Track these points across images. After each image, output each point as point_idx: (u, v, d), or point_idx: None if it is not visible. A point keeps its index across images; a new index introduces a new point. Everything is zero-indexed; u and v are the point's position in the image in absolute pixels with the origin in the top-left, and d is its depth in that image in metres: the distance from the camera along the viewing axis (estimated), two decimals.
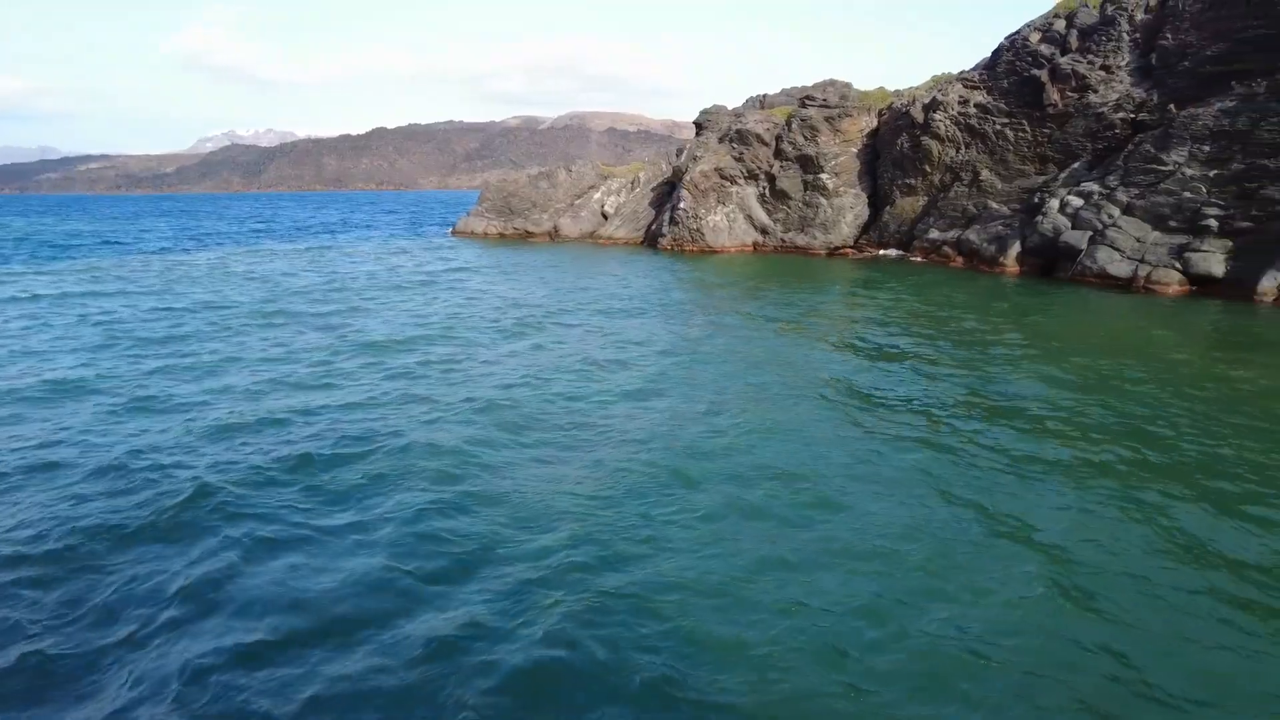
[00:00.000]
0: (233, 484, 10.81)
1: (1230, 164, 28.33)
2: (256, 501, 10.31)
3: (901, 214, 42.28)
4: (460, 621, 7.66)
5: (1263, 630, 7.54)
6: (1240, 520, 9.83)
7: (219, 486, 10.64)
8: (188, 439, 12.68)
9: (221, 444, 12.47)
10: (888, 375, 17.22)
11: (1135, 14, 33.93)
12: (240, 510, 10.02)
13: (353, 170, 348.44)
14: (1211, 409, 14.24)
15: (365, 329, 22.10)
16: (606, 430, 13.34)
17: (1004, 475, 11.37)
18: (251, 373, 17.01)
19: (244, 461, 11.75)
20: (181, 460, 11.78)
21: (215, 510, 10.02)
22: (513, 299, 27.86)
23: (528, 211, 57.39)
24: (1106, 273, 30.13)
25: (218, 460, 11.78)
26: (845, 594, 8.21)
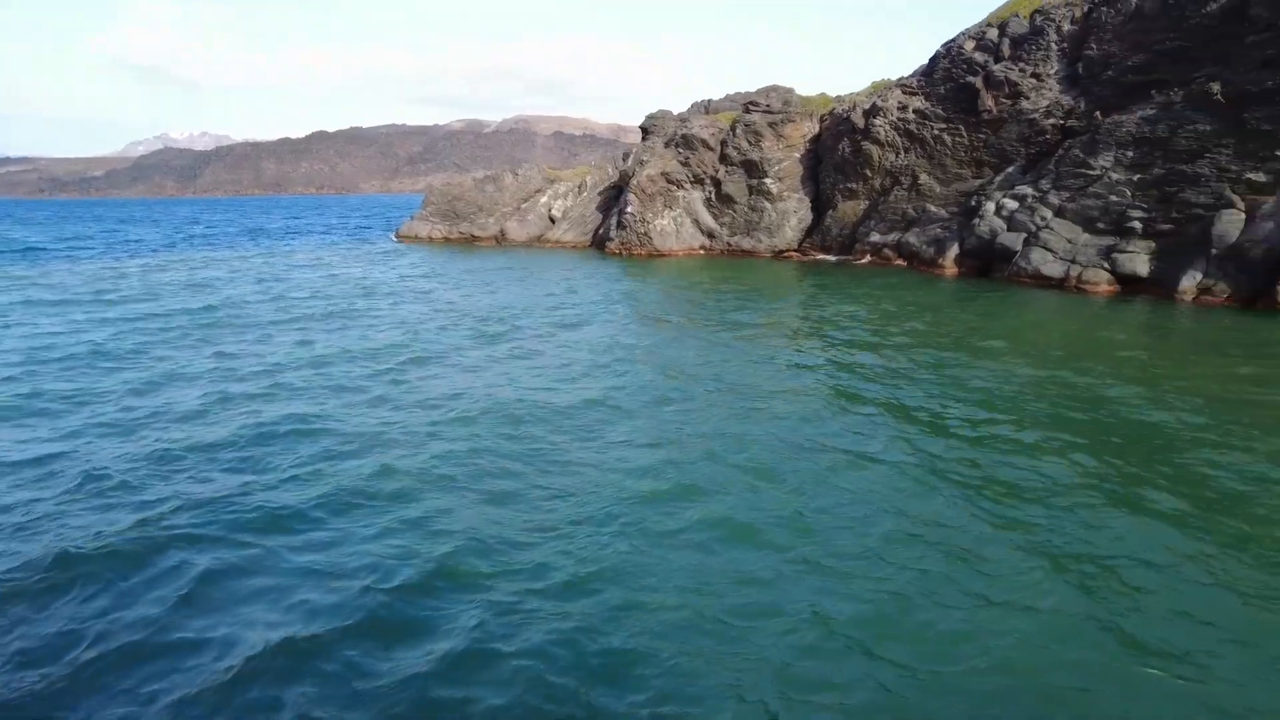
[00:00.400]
0: (179, 509, 10.48)
1: (1152, 169, 29.60)
2: (207, 528, 9.93)
3: (844, 218, 43.11)
4: (447, 644, 7.59)
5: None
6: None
7: (163, 514, 10.30)
8: (125, 464, 12.17)
9: (161, 469, 11.96)
10: (845, 380, 17.56)
11: (1062, 25, 35.23)
12: (194, 535, 9.67)
13: (292, 174, 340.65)
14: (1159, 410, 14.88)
15: (312, 340, 21.48)
16: (570, 452, 13.30)
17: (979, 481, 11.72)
18: (194, 389, 16.22)
19: (187, 483, 11.41)
20: (126, 483, 11.36)
21: (167, 537, 9.67)
22: (464, 308, 27.44)
23: (473, 215, 56.91)
24: (1040, 273, 31.21)
25: (158, 486, 11.40)
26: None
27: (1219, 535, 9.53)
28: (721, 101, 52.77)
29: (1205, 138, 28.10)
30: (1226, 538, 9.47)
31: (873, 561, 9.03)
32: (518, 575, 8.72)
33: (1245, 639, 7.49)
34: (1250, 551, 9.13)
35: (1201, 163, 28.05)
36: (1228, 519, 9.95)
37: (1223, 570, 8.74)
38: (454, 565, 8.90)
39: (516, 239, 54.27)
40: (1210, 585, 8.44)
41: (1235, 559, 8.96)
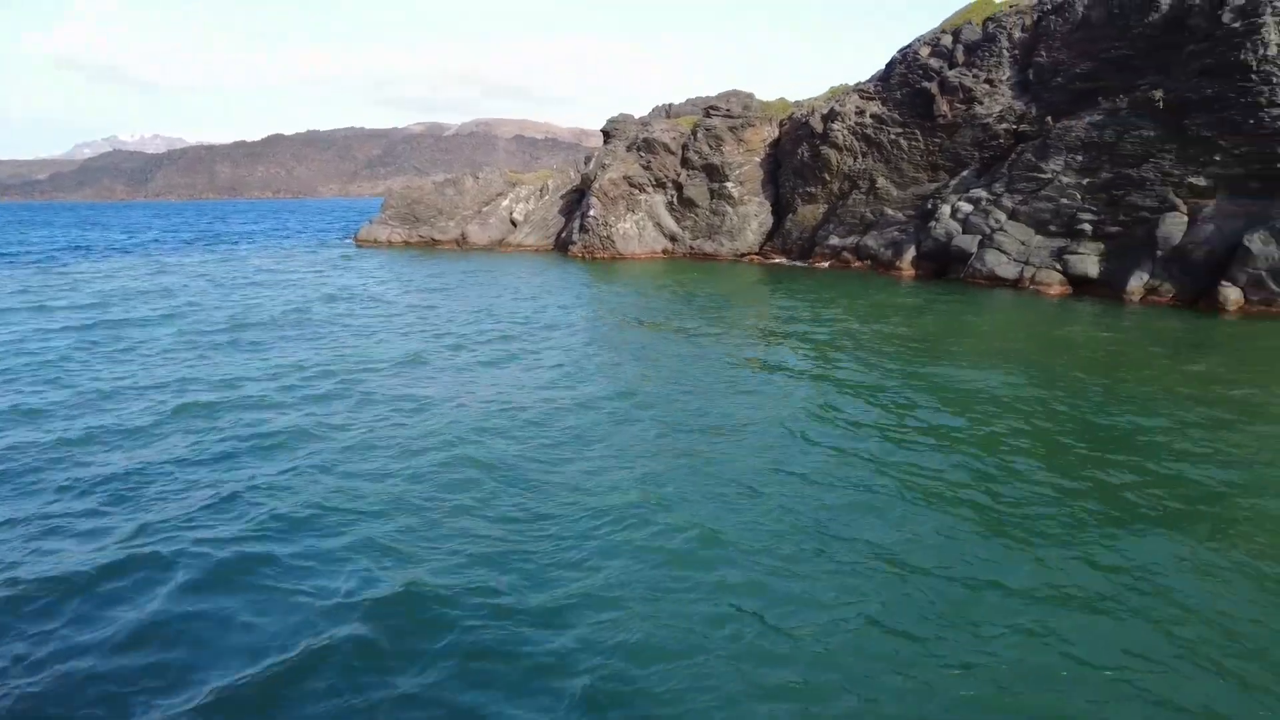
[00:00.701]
0: (139, 533, 10.20)
1: (1100, 173, 30.42)
2: (171, 547, 9.65)
3: (804, 221, 43.57)
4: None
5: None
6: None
7: (125, 538, 10.03)
8: (89, 483, 11.77)
9: (120, 488, 11.59)
10: (809, 384, 17.73)
11: (1014, 32, 36.07)
12: (161, 556, 9.38)
13: (248, 178, 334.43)
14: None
15: (268, 352, 20.71)
16: (539, 464, 13.21)
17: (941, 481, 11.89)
18: (146, 404, 15.52)
19: (147, 503, 11.11)
20: (89, 505, 11.00)
21: (131, 560, 9.40)
22: (427, 314, 26.83)
23: (434, 219, 56.42)
24: (995, 274, 31.87)
25: (117, 507, 11.09)
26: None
27: (1190, 531, 9.82)
28: (682, 106, 53.07)
29: (1149, 143, 28.97)
30: (1197, 533, 9.75)
31: (832, 566, 9.14)
32: (490, 593, 8.63)
33: (1215, 637, 7.71)
34: (1213, 544, 9.41)
35: (1146, 167, 28.91)
36: (1193, 510, 10.25)
37: (1195, 563, 9.00)
38: (423, 585, 8.75)
39: (478, 242, 53.92)
40: (1187, 579, 8.69)
41: (1209, 552, 9.24)
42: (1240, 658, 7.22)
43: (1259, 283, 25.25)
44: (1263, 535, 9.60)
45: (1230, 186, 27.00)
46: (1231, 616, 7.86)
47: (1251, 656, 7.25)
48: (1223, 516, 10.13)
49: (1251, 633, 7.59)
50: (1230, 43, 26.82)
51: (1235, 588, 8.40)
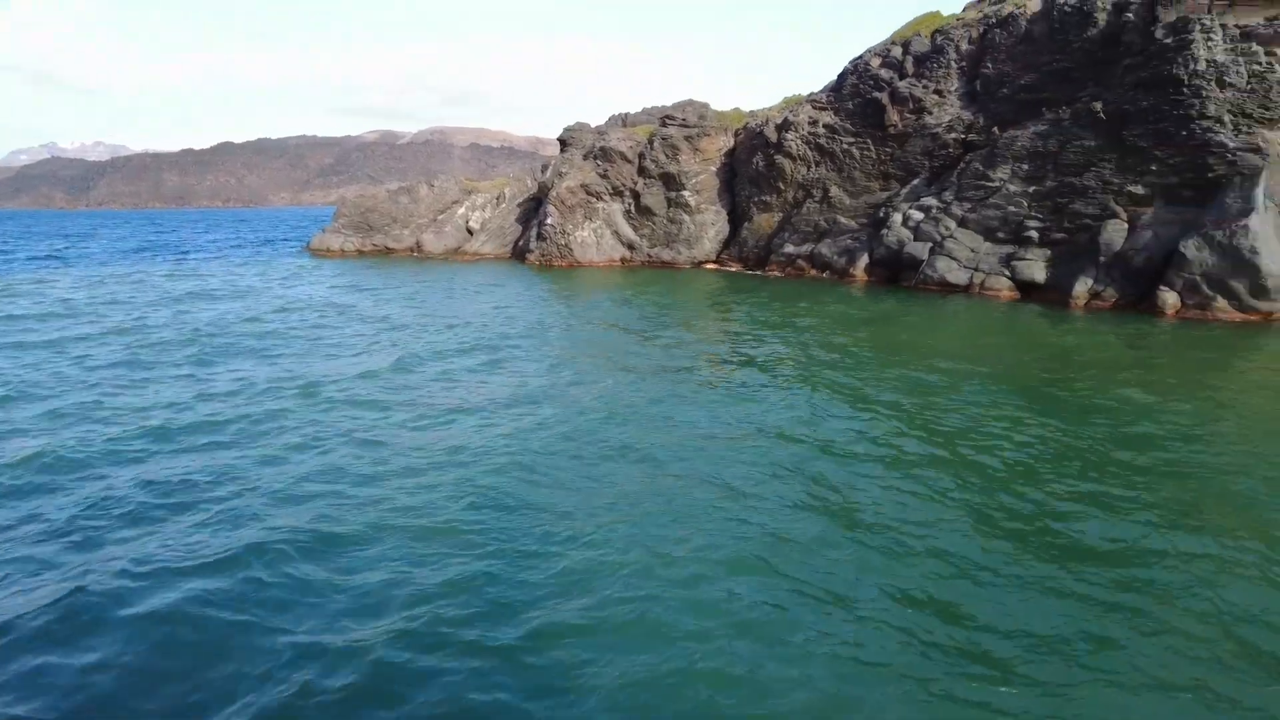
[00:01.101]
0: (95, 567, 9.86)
1: (1045, 181, 31.33)
2: (131, 580, 9.39)
3: (759, 230, 44.05)
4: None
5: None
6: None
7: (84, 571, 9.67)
8: (63, 509, 11.36)
9: (60, 519, 11.26)
10: (771, 391, 17.90)
11: (961, 45, 36.99)
12: (120, 593, 9.09)
13: (197, 187, 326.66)
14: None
15: (219, 369, 19.80)
16: (504, 484, 13.12)
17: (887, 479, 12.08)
18: (88, 430, 15.03)
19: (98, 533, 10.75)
20: (62, 530, 10.61)
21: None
22: (385, 328, 25.90)
23: (388, 227, 55.77)
24: (946, 280, 32.58)
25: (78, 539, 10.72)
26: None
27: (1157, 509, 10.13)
28: (638, 115, 53.34)
29: (1091, 152, 29.93)
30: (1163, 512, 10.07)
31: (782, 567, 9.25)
32: (460, 618, 8.55)
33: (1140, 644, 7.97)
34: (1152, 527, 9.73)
35: (1088, 176, 29.86)
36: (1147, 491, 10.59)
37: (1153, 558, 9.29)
38: (400, 624, 8.65)
39: (433, 251, 53.44)
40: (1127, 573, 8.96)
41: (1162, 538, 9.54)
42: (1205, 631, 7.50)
43: (1194, 287, 26.23)
44: (1213, 512, 9.97)
45: (1166, 195, 28.01)
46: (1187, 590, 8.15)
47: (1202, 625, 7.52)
48: (1173, 497, 10.50)
49: (1202, 601, 7.88)
50: (1163, 57, 27.87)
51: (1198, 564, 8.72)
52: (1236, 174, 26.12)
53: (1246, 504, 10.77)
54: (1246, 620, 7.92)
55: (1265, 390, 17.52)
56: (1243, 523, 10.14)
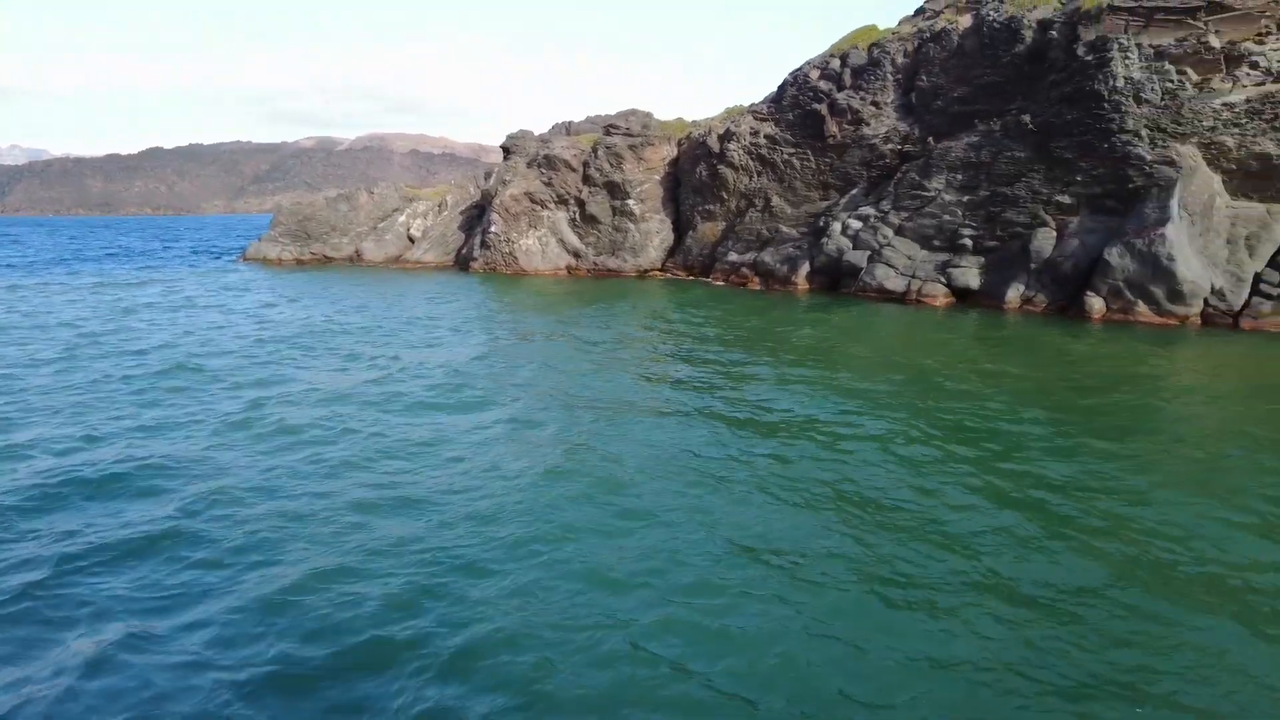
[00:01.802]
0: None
1: (978, 190, 32.41)
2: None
3: (703, 238, 44.51)
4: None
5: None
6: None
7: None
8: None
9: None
10: (712, 397, 18.08)
11: (896, 58, 38.04)
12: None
13: (124, 193, 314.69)
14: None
15: (152, 393, 19.07)
16: (441, 487, 12.99)
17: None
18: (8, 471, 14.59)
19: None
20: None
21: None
22: (328, 339, 25.10)
23: (326, 235, 54.67)
24: (884, 287, 33.40)
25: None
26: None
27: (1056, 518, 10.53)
28: (582, 123, 53.39)
29: (1021, 163, 31.07)
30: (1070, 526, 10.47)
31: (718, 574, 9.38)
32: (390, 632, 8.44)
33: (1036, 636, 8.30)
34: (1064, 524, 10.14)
35: (1019, 185, 30.99)
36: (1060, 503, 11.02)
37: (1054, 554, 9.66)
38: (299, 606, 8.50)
39: (373, 259, 52.58)
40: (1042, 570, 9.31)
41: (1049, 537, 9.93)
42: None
43: (1118, 292, 27.44)
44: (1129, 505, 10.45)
45: (1090, 204, 29.26)
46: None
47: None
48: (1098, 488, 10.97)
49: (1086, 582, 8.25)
50: (1085, 73, 29.13)
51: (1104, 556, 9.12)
52: (1154, 185, 27.43)
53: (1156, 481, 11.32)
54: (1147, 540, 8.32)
55: (1176, 389, 18.45)
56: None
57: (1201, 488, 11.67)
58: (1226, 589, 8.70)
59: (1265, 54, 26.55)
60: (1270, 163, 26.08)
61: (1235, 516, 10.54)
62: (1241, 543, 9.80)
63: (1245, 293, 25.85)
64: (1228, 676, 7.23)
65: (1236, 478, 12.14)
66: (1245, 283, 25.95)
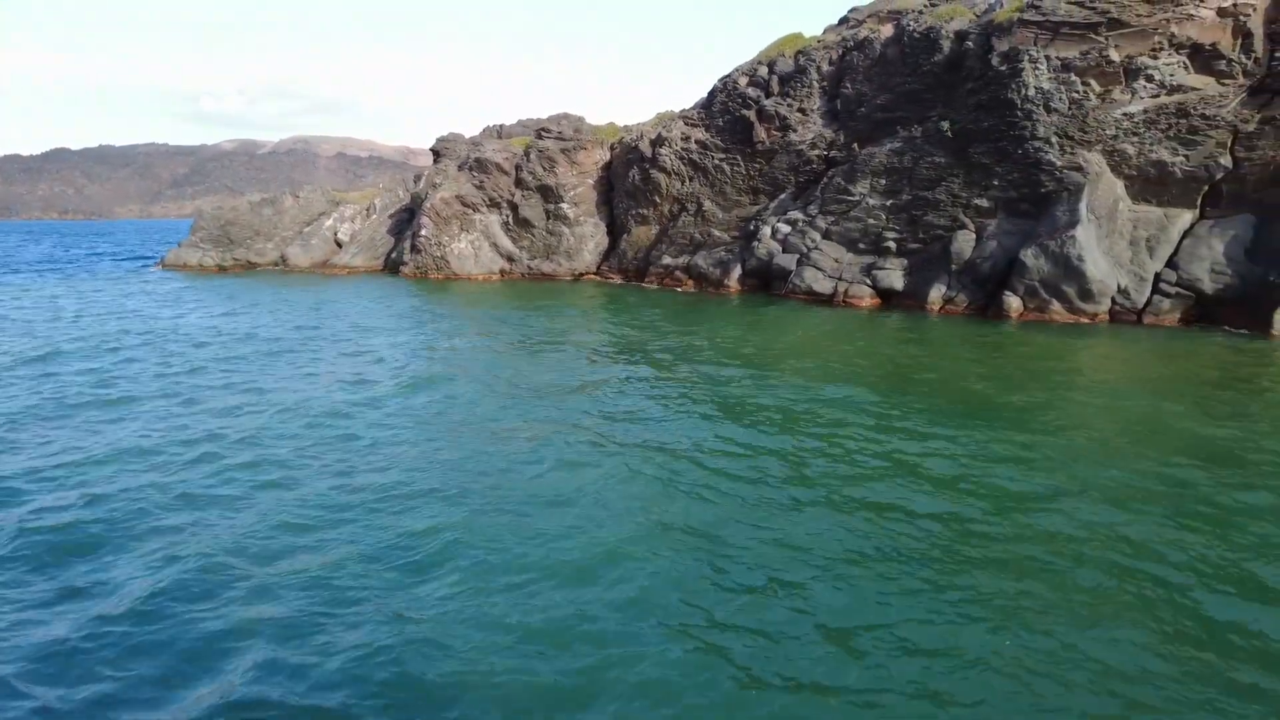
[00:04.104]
0: None
1: (901, 195, 33.49)
2: None
3: (638, 242, 44.81)
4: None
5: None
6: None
7: None
8: None
9: None
10: (647, 396, 18.25)
11: (822, 65, 39.04)
12: None
13: (26, 197, 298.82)
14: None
15: (69, 414, 18.71)
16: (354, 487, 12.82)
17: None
18: None
19: None
20: None
21: None
22: (257, 349, 24.48)
23: (250, 241, 53.08)
24: (813, 290, 34.21)
25: None
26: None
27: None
28: (514, 127, 53.18)
29: (941, 168, 32.25)
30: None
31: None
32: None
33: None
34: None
35: (940, 190, 32.15)
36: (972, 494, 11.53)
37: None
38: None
39: (300, 264, 51.27)
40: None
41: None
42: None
43: (1033, 292, 28.75)
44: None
45: (1007, 207, 30.56)
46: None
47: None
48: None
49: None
50: (999, 82, 30.44)
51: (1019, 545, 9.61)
52: (1064, 190, 28.84)
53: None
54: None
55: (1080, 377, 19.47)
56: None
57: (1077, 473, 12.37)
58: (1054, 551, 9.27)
59: (1159, 68, 28.19)
60: (1166, 169, 27.70)
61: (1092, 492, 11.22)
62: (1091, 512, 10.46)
63: (1148, 291, 27.39)
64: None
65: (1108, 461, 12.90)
66: (1147, 282, 27.49)
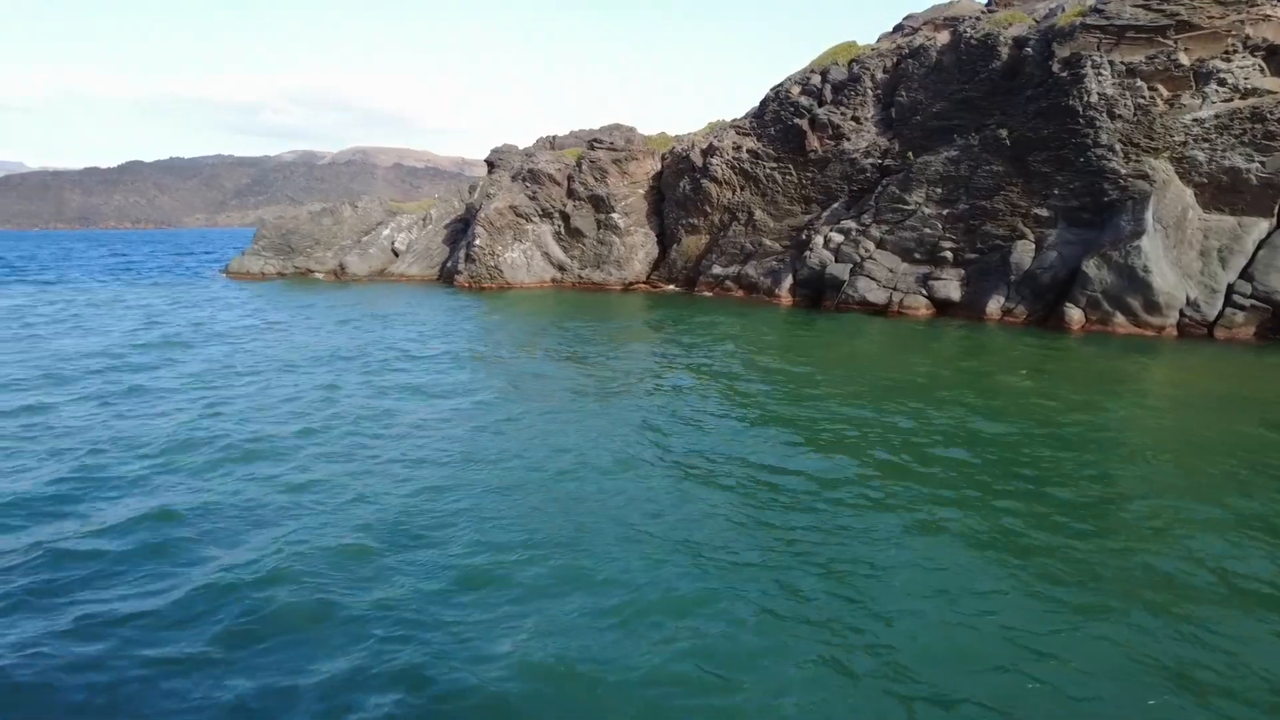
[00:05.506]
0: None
1: (958, 204, 32.90)
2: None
3: (688, 251, 44.83)
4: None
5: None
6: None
7: None
8: None
9: None
10: (711, 419, 18.24)
11: (876, 73, 38.63)
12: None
13: (103, 207, 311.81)
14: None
15: (119, 413, 19.10)
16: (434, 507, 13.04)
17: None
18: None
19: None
20: None
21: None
22: (321, 355, 24.70)
23: (310, 249, 54.55)
24: (866, 300, 33.76)
25: None
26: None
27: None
28: (566, 138, 53.72)
29: (999, 177, 31.59)
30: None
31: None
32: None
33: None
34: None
35: (998, 199, 31.50)
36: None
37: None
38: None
39: (357, 273, 52.48)
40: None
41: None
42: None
43: (1095, 304, 27.94)
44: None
45: (1067, 217, 29.79)
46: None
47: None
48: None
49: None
50: (1060, 89, 29.72)
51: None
52: (1128, 198, 27.99)
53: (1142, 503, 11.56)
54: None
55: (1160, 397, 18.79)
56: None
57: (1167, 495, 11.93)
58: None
59: (1232, 71, 27.21)
60: (1240, 176, 26.69)
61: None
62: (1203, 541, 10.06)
63: (1219, 304, 26.38)
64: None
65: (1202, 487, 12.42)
66: (1219, 294, 26.48)
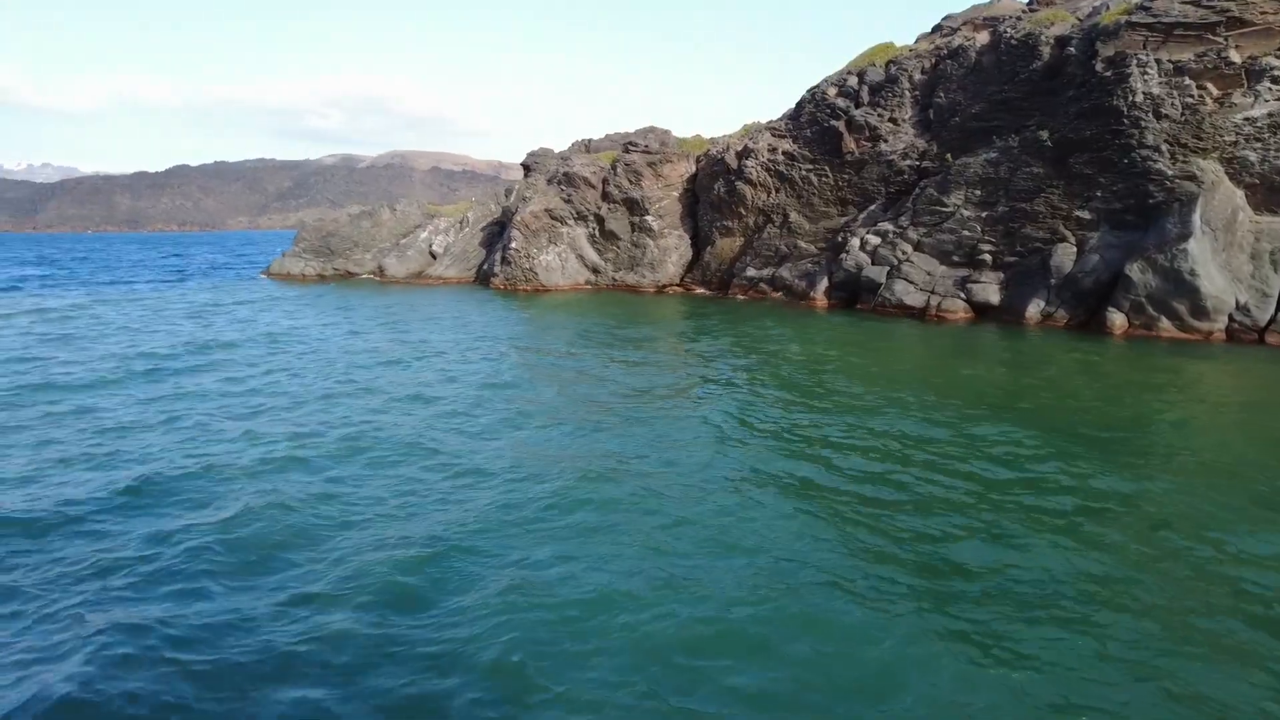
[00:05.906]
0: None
1: (997, 206, 32.39)
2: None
3: (722, 254, 44.72)
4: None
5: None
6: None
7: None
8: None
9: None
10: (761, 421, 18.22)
11: (914, 74, 38.20)
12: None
13: (151, 210, 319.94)
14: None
15: (165, 422, 19.43)
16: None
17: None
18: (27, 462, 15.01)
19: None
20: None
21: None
22: (364, 355, 25.16)
23: (349, 251, 55.45)
24: (903, 303, 33.39)
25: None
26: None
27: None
28: (601, 141, 53.91)
29: (1039, 179, 31.05)
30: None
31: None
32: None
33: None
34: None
35: (1038, 201, 30.96)
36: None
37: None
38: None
39: (395, 275, 53.20)
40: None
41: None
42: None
43: (1139, 308, 27.31)
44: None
45: (1110, 220, 29.17)
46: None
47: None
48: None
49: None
50: (1104, 89, 29.12)
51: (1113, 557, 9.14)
52: (1175, 200, 27.32)
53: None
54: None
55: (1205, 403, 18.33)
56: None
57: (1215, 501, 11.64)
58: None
59: None
60: None
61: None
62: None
63: (1271, 308, 25.64)
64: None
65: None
66: (1271, 298, 25.74)
